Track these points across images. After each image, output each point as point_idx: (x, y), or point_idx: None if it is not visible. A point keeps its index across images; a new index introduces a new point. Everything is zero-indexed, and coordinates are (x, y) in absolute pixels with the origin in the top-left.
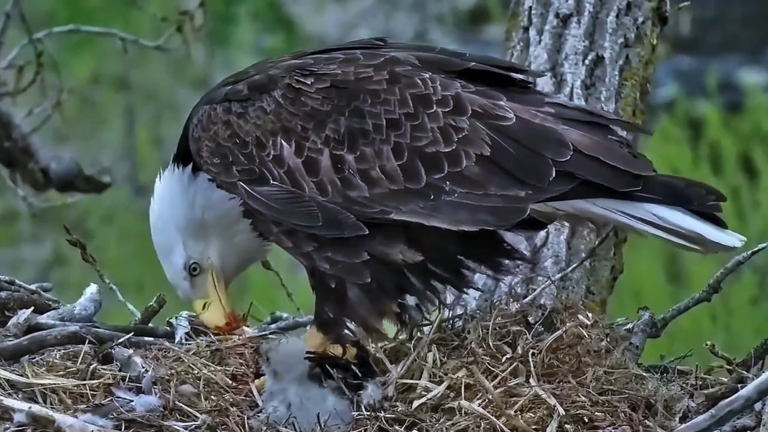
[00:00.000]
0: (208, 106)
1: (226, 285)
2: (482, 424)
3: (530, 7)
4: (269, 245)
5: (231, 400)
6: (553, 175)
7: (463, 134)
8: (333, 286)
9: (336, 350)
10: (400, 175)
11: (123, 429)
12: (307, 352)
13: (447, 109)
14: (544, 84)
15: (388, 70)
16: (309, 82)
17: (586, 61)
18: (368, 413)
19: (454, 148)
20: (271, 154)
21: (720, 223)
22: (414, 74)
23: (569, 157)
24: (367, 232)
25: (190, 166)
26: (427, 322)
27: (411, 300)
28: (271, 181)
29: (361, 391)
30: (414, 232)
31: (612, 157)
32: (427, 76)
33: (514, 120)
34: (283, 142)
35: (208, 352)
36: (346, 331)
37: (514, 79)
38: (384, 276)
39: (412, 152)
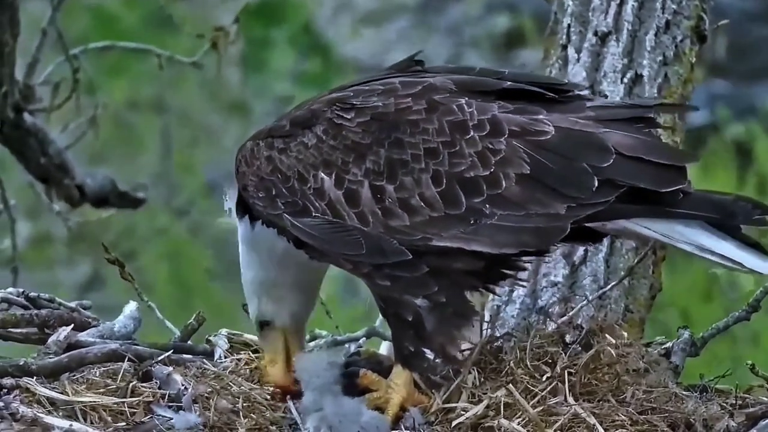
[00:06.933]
0: (252, 142)
1: (300, 337)
2: None
3: (569, 25)
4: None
5: (271, 418)
6: (596, 185)
7: (501, 156)
8: (410, 319)
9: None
10: (439, 202)
11: None
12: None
13: (483, 133)
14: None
15: (426, 98)
16: (350, 117)
17: (625, 79)
18: None
19: (492, 170)
20: (312, 187)
21: (762, 250)
22: (451, 101)
23: (611, 161)
24: (411, 257)
25: (247, 217)
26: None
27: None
28: (314, 213)
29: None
30: None
31: (654, 153)
32: (464, 101)
33: (554, 132)
34: (324, 176)
35: (248, 370)
36: (429, 363)
37: (552, 93)
38: (457, 297)
39: (451, 178)
